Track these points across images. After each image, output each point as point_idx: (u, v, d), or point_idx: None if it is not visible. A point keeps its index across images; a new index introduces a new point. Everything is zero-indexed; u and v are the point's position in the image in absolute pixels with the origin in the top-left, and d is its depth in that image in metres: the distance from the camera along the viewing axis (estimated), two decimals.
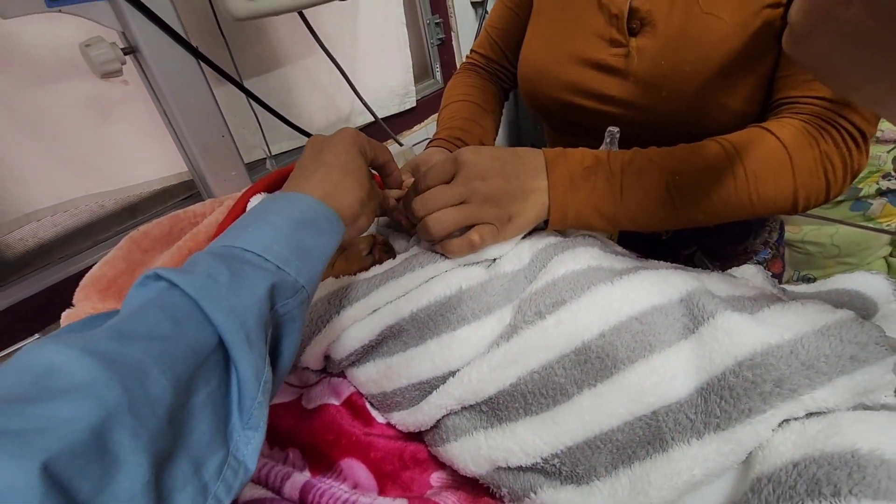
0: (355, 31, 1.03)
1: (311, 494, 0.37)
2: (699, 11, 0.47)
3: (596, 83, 0.54)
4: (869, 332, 0.31)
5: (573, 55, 0.54)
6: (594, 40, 0.53)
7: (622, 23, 0.50)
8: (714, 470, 0.31)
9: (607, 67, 0.52)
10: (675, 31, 0.48)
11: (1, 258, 0.72)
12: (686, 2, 0.48)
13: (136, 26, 0.54)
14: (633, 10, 0.50)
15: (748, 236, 0.61)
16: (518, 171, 0.44)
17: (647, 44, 0.50)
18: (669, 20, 0.48)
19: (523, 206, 0.44)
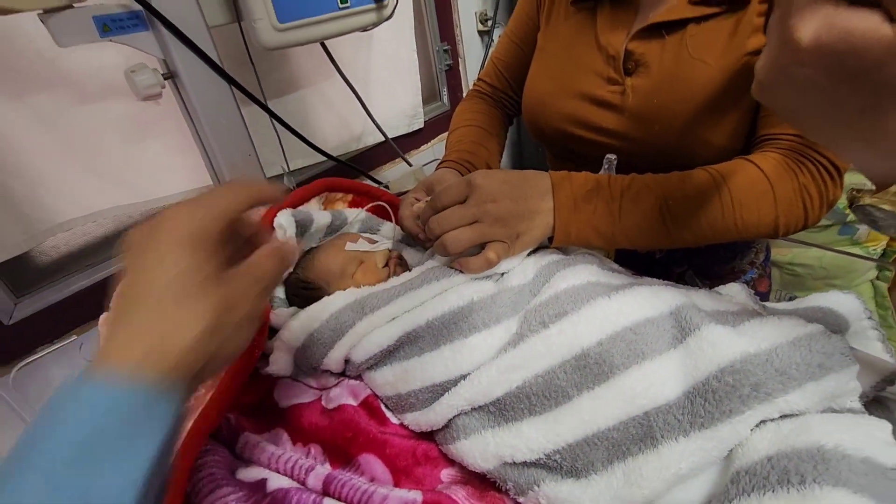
0: (369, 57, 1.09)
1: (333, 485, 0.40)
2: (688, 56, 0.52)
3: (594, 116, 0.58)
4: (835, 343, 0.35)
5: (573, 90, 0.59)
6: (593, 78, 0.58)
7: (619, 63, 0.55)
8: (699, 464, 0.35)
9: (604, 103, 0.57)
10: (666, 72, 0.53)
11: (35, 264, 0.76)
12: (676, 47, 0.53)
13: (177, 54, 0.59)
14: (629, 53, 0.55)
15: (735, 257, 0.65)
16: (526, 193, 0.49)
17: (641, 83, 0.55)
18: (661, 63, 0.53)
19: (530, 224, 0.48)
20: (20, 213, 0.69)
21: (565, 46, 0.61)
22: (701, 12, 0.51)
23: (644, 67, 0.54)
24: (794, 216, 0.48)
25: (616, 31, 0.56)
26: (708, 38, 0.51)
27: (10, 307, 0.72)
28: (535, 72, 0.65)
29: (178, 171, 0.84)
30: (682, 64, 0.52)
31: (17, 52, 0.65)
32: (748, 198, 0.47)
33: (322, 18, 0.68)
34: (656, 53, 0.53)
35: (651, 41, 0.54)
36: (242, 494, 0.40)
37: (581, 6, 0.60)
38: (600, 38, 0.57)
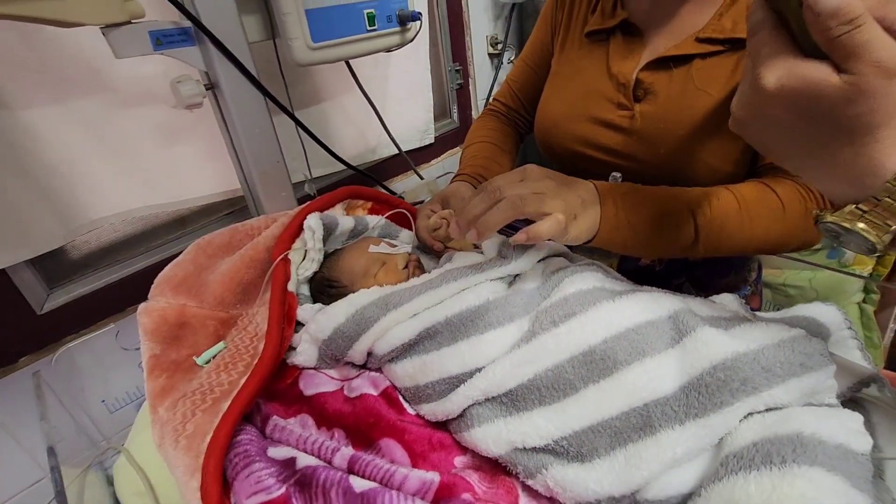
0: (386, 75, 1.15)
1: (358, 464, 0.44)
2: (693, 87, 0.57)
3: (603, 138, 0.63)
4: (815, 346, 0.40)
5: (585, 113, 0.64)
6: (604, 102, 0.63)
7: (629, 91, 0.60)
8: (693, 450, 0.39)
9: (614, 126, 0.62)
10: (673, 101, 0.58)
11: (67, 258, 0.80)
12: (683, 78, 0.57)
13: (219, 67, 0.64)
14: (639, 81, 0.60)
15: (730, 272, 0.70)
16: (574, 185, 0.51)
17: (649, 109, 0.59)
18: (669, 92, 0.58)
19: (584, 210, 0.49)
20: (59, 210, 0.73)
21: (578, 72, 0.66)
22: (706, 49, 0.56)
23: (652, 95, 0.59)
24: (802, 235, 0.53)
25: (626, 60, 0.61)
26: (712, 73, 0.56)
27: (42, 297, 0.76)
28: (549, 95, 0.70)
29: (206, 176, 0.88)
30: (687, 94, 0.57)
31: (69, 61, 0.70)
32: (762, 214, 0.52)
33: (351, 39, 0.74)
34: (664, 83, 0.58)
35: (660, 72, 0.58)
36: (274, 470, 0.44)
37: (595, 38, 0.65)
38: (612, 66, 0.62)
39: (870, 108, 0.27)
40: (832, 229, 0.32)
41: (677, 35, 0.59)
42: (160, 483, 0.53)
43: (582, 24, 0.68)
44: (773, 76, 0.29)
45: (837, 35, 0.26)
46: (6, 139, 0.67)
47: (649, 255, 0.54)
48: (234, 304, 0.60)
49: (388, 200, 0.75)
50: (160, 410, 0.50)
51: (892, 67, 0.25)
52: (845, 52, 0.26)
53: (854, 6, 0.25)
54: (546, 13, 0.74)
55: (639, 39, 0.61)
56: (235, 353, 0.54)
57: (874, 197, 0.29)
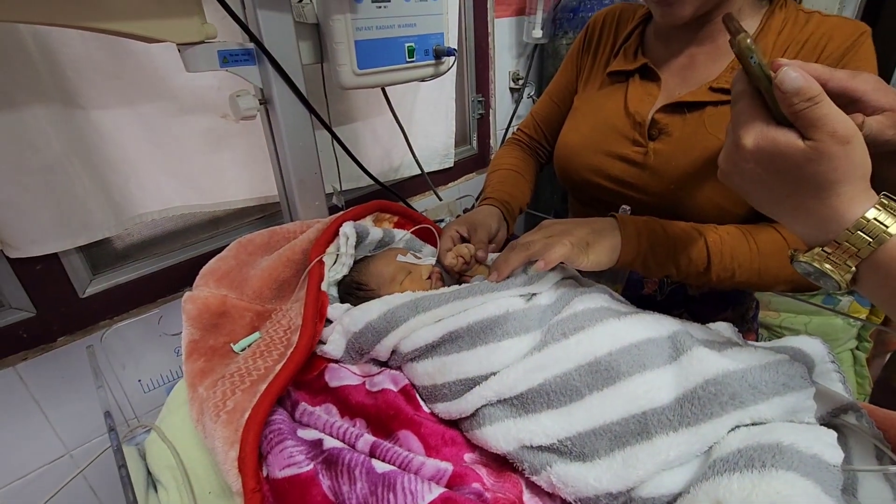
0: (415, 101, 1.23)
1: (379, 450, 0.48)
2: (705, 131, 0.62)
3: (617, 171, 0.69)
4: (797, 369, 0.45)
5: (601, 147, 0.70)
6: (620, 138, 0.69)
7: (644, 129, 0.66)
8: (685, 455, 0.43)
9: (628, 160, 0.68)
10: (686, 142, 0.63)
11: (112, 247, 0.86)
12: (696, 122, 0.63)
13: (275, 85, 0.72)
14: (654, 121, 0.66)
15: (727, 308, 0.75)
16: (590, 221, 0.58)
17: (663, 148, 0.65)
18: (682, 133, 0.64)
19: (599, 238, 0.56)
20: (114, 202, 0.79)
21: (598, 109, 0.73)
22: (718, 98, 0.61)
23: (666, 135, 0.65)
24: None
25: (644, 101, 0.67)
26: (724, 119, 0.61)
27: (86, 282, 0.82)
28: (569, 127, 0.77)
29: (242, 182, 0.95)
30: (699, 137, 0.62)
31: (138, 70, 0.77)
32: (771, 251, 0.57)
33: (392, 68, 0.81)
34: (678, 125, 0.64)
35: (674, 115, 0.64)
36: (303, 448, 0.48)
37: (615, 78, 0.72)
38: (629, 105, 0.68)
39: (831, 167, 0.33)
40: (804, 268, 0.38)
41: (691, 82, 0.65)
42: (188, 459, 0.57)
43: (604, 65, 0.75)
44: (750, 138, 0.35)
45: (800, 109, 0.32)
46: (78, 135, 0.74)
47: (666, 276, 0.59)
48: (270, 298, 0.65)
49: (413, 216, 0.81)
50: (199, 389, 0.55)
51: (846, 136, 0.32)
52: (807, 122, 0.32)
53: (812, 87, 0.32)
54: (572, 55, 0.82)
55: (656, 83, 0.67)
56: (270, 342, 0.59)
57: (835, 241, 0.35)
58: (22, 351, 0.77)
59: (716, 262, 0.57)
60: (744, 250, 0.57)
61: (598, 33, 0.77)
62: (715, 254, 0.57)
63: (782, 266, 0.57)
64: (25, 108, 0.68)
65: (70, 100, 0.73)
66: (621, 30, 0.75)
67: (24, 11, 0.51)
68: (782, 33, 0.61)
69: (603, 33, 0.77)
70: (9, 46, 0.65)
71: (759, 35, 0.62)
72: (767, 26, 0.61)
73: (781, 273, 0.58)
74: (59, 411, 0.83)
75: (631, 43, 0.71)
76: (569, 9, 1.40)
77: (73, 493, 0.87)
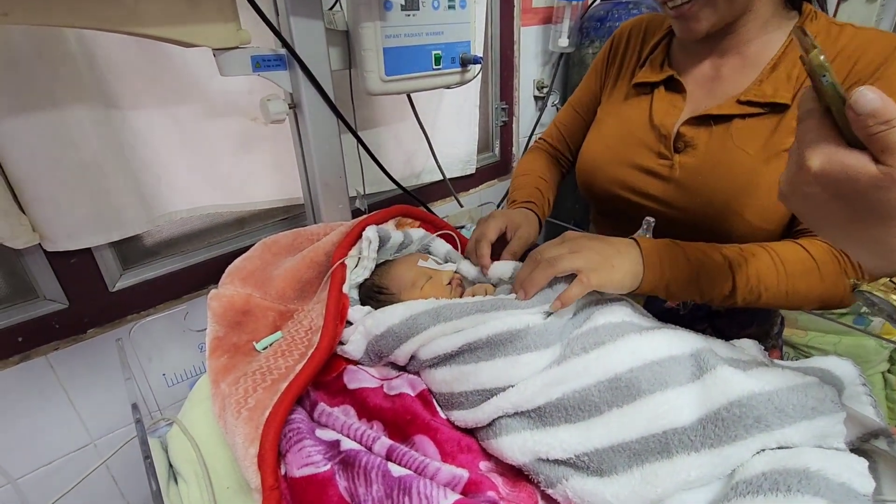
0: (439, 107, 1.24)
1: (396, 454, 0.49)
2: (732, 144, 0.61)
3: (642, 183, 0.68)
4: (827, 392, 0.43)
5: (626, 160, 0.70)
6: (645, 151, 0.68)
7: (669, 142, 0.65)
8: (706, 476, 0.42)
9: (653, 173, 0.67)
10: (712, 155, 0.62)
11: (142, 243, 0.89)
12: (722, 135, 0.62)
13: (304, 90, 0.73)
14: (680, 134, 0.65)
15: (752, 325, 0.73)
16: (612, 240, 0.57)
17: (688, 161, 0.64)
18: (708, 146, 0.63)
19: (621, 259, 0.55)
20: (146, 200, 0.82)
21: (623, 121, 0.72)
22: (746, 111, 0.60)
23: (692, 148, 0.64)
24: (836, 294, 0.56)
25: (669, 114, 0.67)
26: (751, 133, 0.60)
27: (116, 276, 0.84)
28: (592, 139, 0.76)
29: (268, 183, 0.97)
30: (725, 150, 0.61)
31: (174, 73, 0.80)
32: (798, 271, 0.55)
33: (418, 75, 0.82)
34: (704, 138, 0.63)
35: (700, 127, 0.64)
36: (322, 448, 0.49)
37: (641, 89, 0.71)
38: (654, 118, 0.67)
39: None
40: (868, 298, 0.36)
41: (718, 95, 0.64)
42: (207, 454, 0.58)
43: (630, 76, 0.74)
44: (817, 159, 0.33)
45: (875, 133, 0.30)
46: (115, 135, 0.76)
47: (687, 298, 0.58)
48: (292, 298, 0.66)
49: (435, 222, 0.81)
50: (222, 385, 0.56)
51: None
52: (882, 146, 0.30)
53: (890, 109, 0.30)
54: (597, 65, 0.81)
55: (682, 95, 0.67)
56: (291, 342, 0.60)
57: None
58: (54, 341, 0.80)
59: (741, 286, 0.56)
60: (770, 273, 0.56)
61: (625, 44, 0.77)
62: (740, 278, 0.56)
63: (811, 287, 0.56)
64: (67, 108, 0.71)
65: (109, 101, 0.76)
66: (648, 41, 0.74)
67: (70, 17, 0.53)
68: None
69: (629, 44, 0.76)
70: (55, 49, 0.68)
71: (787, 48, 0.60)
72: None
73: (811, 294, 0.56)
74: (86, 401, 0.85)
75: (657, 54, 0.71)
76: (596, 18, 1.39)
77: (95, 482, 0.90)
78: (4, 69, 0.65)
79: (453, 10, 0.83)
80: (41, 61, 0.67)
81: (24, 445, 0.82)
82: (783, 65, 0.60)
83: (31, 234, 0.72)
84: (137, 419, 0.50)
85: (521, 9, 1.37)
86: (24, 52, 0.65)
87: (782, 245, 0.57)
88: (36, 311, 0.78)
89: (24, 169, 0.69)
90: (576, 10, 1.39)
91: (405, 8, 0.76)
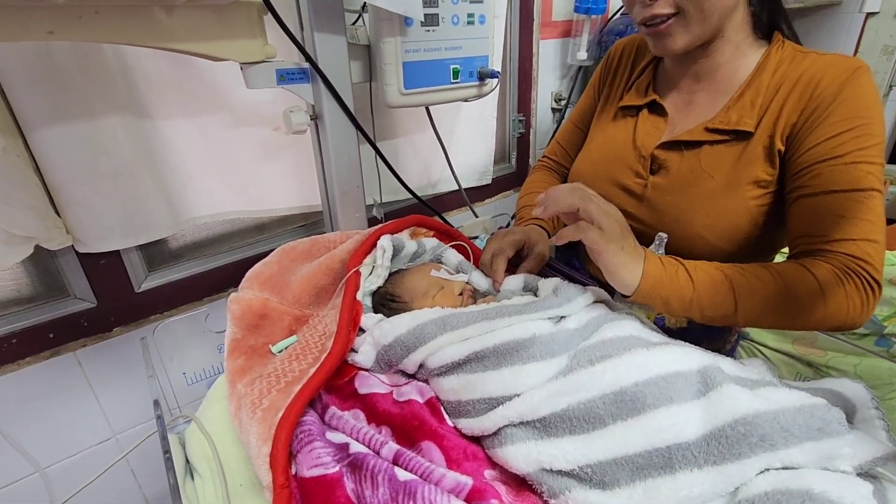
0: (456, 119, 1.26)
1: (402, 459, 0.50)
2: (700, 169, 0.63)
3: (619, 201, 0.69)
4: (834, 414, 0.43)
5: (608, 176, 0.72)
6: (626, 170, 0.70)
7: (647, 163, 0.67)
8: (707, 493, 0.42)
9: (629, 190, 0.69)
10: (681, 178, 0.64)
11: (167, 246, 0.92)
12: (692, 160, 0.64)
13: (325, 102, 0.76)
14: (655, 157, 0.67)
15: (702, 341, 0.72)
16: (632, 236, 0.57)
17: (660, 182, 0.66)
18: (679, 169, 0.65)
19: (630, 250, 0.56)
20: (172, 205, 0.86)
21: (609, 141, 0.74)
22: (713, 138, 0.63)
23: (665, 170, 0.66)
24: (839, 316, 0.56)
25: (650, 136, 0.69)
26: (719, 159, 0.62)
27: (142, 278, 0.88)
28: (582, 156, 0.79)
29: (288, 191, 1.00)
30: (693, 174, 0.63)
31: (202, 85, 0.84)
32: (801, 293, 0.55)
33: (436, 88, 0.84)
34: (676, 161, 0.65)
35: (672, 151, 0.66)
36: (331, 450, 0.50)
37: (627, 111, 0.73)
38: (637, 139, 0.70)
39: None
40: None
41: (692, 120, 0.66)
42: (223, 451, 0.60)
43: (618, 97, 0.76)
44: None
45: None
46: (146, 143, 0.80)
47: (687, 316, 0.58)
48: (308, 304, 0.68)
49: (449, 232, 0.82)
50: (239, 386, 0.58)
51: None
52: None
53: None
54: (594, 82, 0.83)
55: (664, 118, 0.69)
56: (305, 346, 0.62)
57: None
58: (82, 338, 0.84)
59: (741, 304, 0.56)
60: (772, 296, 0.56)
61: (616, 64, 0.79)
62: (741, 297, 0.56)
63: (814, 308, 0.55)
64: (102, 117, 0.75)
65: (141, 111, 0.80)
66: (637, 63, 0.76)
67: (109, 34, 0.57)
68: (777, 72, 0.61)
69: (620, 65, 0.78)
70: (93, 62, 0.72)
71: (753, 76, 0.62)
72: (763, 66, 0.62)
73: (813, 315, 0.56)
74: (110, 397, 0.89)
75: (643, 78, 0.73)
76: (615, 32, 1.40)
77: (115, 476, 0.93)
78: (47, 80, 0.69)
79: (472, 26, 0.85)
80: (80, 73, 0.71)
81: (51, 436, 0.86)
82: (749, 92, 0.62)
83: (65, 235, 0.76)
84: (158, 415, 0.52)
85: (541, 22, 1.39)
86: (65, 65, 0.70)
87: (785, 265, 0.58)
88: (66, 308, 0.82)
89: (61, 174, 0.74)
90: (595, 24, 1.40)
91: (425, 24, 0.79)
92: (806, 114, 0.58)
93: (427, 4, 0.77)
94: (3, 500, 0.81)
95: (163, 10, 0.58)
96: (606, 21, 1.44)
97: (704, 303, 0.57)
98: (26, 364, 0.81)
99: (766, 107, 0.60)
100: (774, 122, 0.60)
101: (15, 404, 0.81)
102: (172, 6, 0.58)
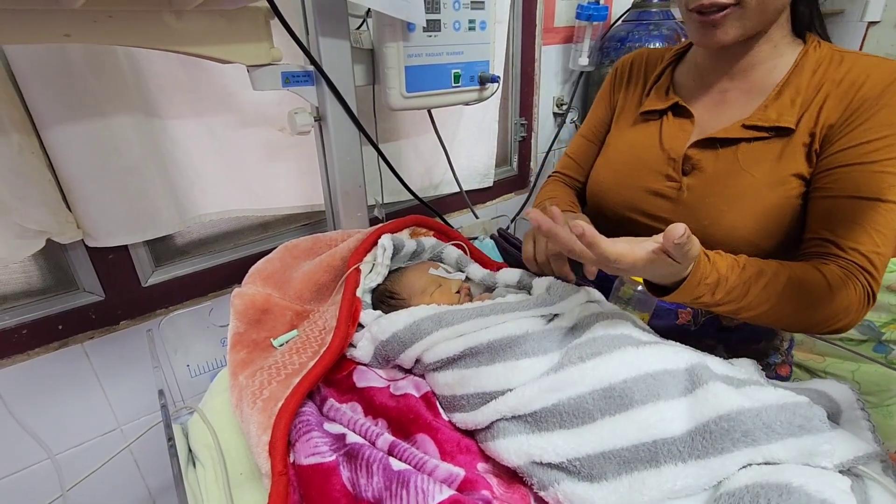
0: (459, 122, 1.28)
1: (397, 450, 0.51)
2: (738, 167, 0.63)
3: (652, 206, 0.70)
4: (815, 412, 0.44)
5: (635, 183, 0.71)
6: (654, 174, 0.70)
7: (678, 165, 0.67)
8: (692, 487, 0.43)
9: (662, 195, 0.68)
10: (718, 178, 0.64)
11: (174, 242, 0.95)
12: (729, 158, 0.63)
13: (329, 104, 0.78)
14: (687, 157, 0.66)
15: (761, 340, 0.73)
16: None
17: (695, 183, 0.66)
18: (715, 168, 0.64)
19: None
20: (179, 202, 0.88)
21: (630, 146, 0.74)
22: (751, 135, 0.62)
23: (699, 170, 0.66)
24: (841, 316, 0.57)
25: (678, 138, 0.68)
26: (757, 156, 0.62)
27: (149, 273, 0.90)
28: (600, 164, 0.79)
29: (292, 190, 1.02)
30: (731, 173, 0.63)
31: (210, 87, 0.86)
32: (812, 292, 0.56)
33: (438, 92, 0.86)
34: (711, 160, 0.65)
35: (707, 150, 0.65)
36: (328, 440, 0.52)
37: (648, 116, 0.74)
38: (664, 142, 0.69)
39: None
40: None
41: (724, 119, 0.66)
42: (224, 441, 0.62)
43: (636, 104, 0.76)
44: None
45: None
46: (155, 142, 0.83)
47: (713, 311, 0.58)
48: (309, 300, 0.70)
49: (448, 233, 0.84)
50: (240, 378, 0.60)
51: None
52: None
53: None
54: (604, 93, 0.84)
55: (690, 120, 0.69)
56: (306, 340, 0.64)
57: None
58: (90, 330, 0.86)
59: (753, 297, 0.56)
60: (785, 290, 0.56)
61: (628, 74, 0.79)
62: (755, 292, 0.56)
63: (822, 307, 0.56)
64: (113, 116, 0.77)
65: (151, 110, 0.82)
66: (651, 71, 0.77)
67: (123, 36, 0.59)
68: (817, 72, 0.61)
69: (633, 74, 0.79)
70: (106, 63, 0.74)
71: (791, 74, 0.62)
72: (801, 65, 0.62)
73: (817, 314, 0.57)
74: (115, 388, 0.91)
75: (662, 83, 0.73)
76: (617, 38, 1.42)
77: (119, 465, 0.95)
78: (61, 81, 0.71)
79: (473, 32, 0.87)
80: (93, 74, 0.73)
81: (60, 425, 0.88)
82: (787, 91, 0.62)
83: (75, 230, 0.79)
84: (163, 404, 0.54)
85: (543, 28, 1.41)
86: (78, 65, 0.72)
87: (797, 264, 0.58)
88: (75, 301, 0.85)
89: (73, 170, 0.76)
90: (597, 30, 1.42)
91: (427, 29, 0.81)
92: (846, 115, 0.58)
93: (429, 10, 0.79)
94: (14, 484, 0.83)
95: (174, 14, 0.60)
96: (608, 28, 1.46)
97: (733, 293, 0.55)
98: (35, 354, 0.83)
99: (806, 106, 0.60)
100: (815, 121, 0.59)
101: (24, 393, 0.83)
102: (183, 11, 0.60)
